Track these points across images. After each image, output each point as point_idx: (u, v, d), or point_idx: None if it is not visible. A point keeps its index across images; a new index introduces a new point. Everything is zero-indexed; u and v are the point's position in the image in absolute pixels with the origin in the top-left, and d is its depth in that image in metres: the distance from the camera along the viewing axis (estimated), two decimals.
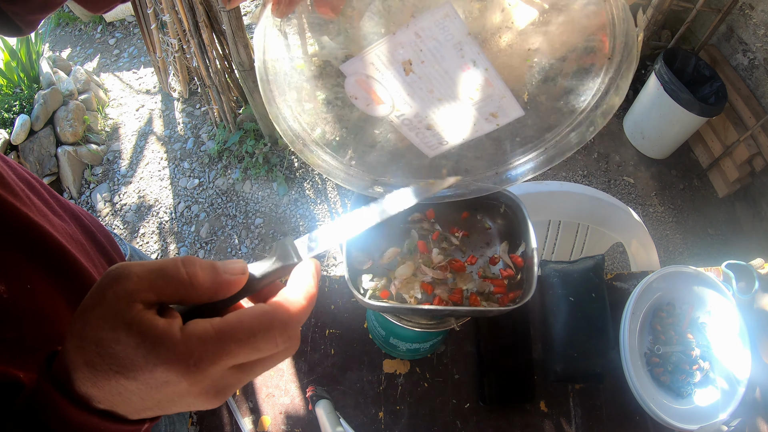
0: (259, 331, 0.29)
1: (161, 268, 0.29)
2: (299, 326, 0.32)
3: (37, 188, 0.56)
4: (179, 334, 0.28)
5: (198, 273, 0.30)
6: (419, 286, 0.67)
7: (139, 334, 0.27)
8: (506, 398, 0.86)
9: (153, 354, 0.27)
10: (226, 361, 0.28)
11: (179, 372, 0.28)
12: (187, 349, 0.28)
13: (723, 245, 2.31)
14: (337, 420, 0.75)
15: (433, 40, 0.43)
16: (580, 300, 0.92)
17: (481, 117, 0.49)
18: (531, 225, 0.67)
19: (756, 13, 2.23)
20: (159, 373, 0.28)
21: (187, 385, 0.28)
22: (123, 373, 0.27)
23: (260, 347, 0.29)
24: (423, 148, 0.53)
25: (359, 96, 0.48)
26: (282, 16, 0.42)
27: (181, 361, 0.27)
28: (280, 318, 0.30)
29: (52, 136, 2.28)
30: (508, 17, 0.44)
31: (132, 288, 0.28)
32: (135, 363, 0.27)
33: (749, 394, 0.90)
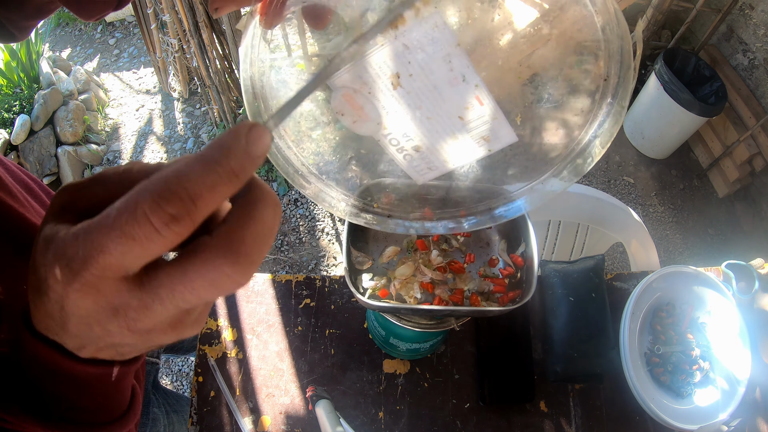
0: (124, 209, 0.21)
1: (101, 172, 0.26)
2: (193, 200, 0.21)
3: (35, 190, 0.56)
4: (62, 234, 0.23)
5: (132, 168, 0.25)
6: (418, 286, 0.67)
7: (44, 241, 0.24)
8: (506, 398, 0.86)
9: (45, 259, 0.23)
10: (98, 258, 0.21)
11: (57, 279, 0.23)
12: (63, 247, 0.23)
13: (723, 245, 2.31)
14: (337, 420, 0.75)
15: (422, 52, 0.41)
16: (580, 300, 0.92)
17: (473, 141, 0.47)
18: (531, 225, 0.67)
19: (756, 13, 2.23)
20: (49, 281, 0.23)
21: (76, 297, 0.23)
22: (39, 287, 0.24)
23: (130, 232, 0.21)
24: (411, 173, 0.50)
25: (346, 112, 0.46)
26: (269, 27, 0.40)
27: (57, 262, 0.23)
28: (152, 185, 0.21)
29: (52, 136, 2.28)
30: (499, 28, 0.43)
31: (64, 198, 0.25)
32: (40, 273, 0.24)
33: (749, 394, 0.90)
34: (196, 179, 0.22)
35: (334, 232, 2.18)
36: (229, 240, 0.23)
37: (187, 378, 1.89)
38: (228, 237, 0.23)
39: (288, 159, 0.48)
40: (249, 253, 0.23)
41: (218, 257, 0.22)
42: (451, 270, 0.69)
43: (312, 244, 2.15)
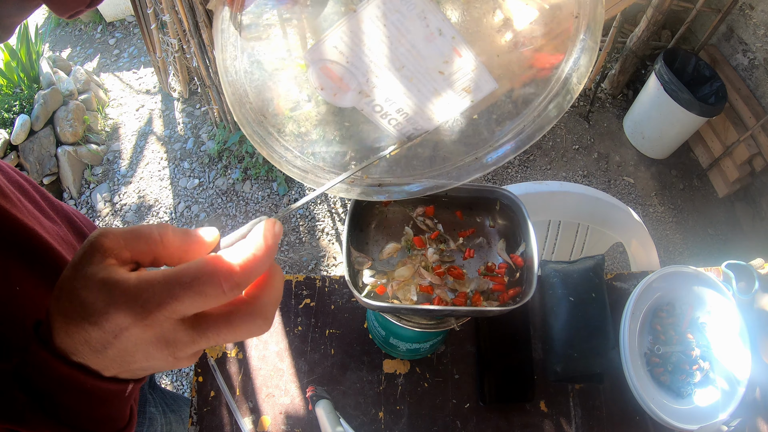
0: (203, 274, 0.30)
1: (135, 229, 0.32)
2: (250, 276, 0.31)
3: (29, 192, 0.56)
4: (134, 279, 0.30)
5: (169, 234, 0.33)
6: (416, 289, 0.67)
7: (102, 281, 0.29)
8: (506, 398, 0.86)
9: (110, 297, 0.29)
10: (172, 304, 0.29)
11: (128, 314, 0.29)
12: (137, 291, 0.29)
13: (723, 245, 2.31)
14: (337, 420, 0.75)
15: (396, 13, 0.41)
16: (580, 300, 0.92)
17: (454, 94, 0.47)
18: (531, 225, 0.67)
19: (756, 13, 2.23)
20: (113, 316, 0.29)
21: (138, 330, 0.30)
22: (87, 318, 0.29)
23: (204, 291, 0.30)
24: (398, 136, 0.51)
25: (325, 86, 0.45)
26: (239, 9, 0.42)
27: (130, 302, 0.29)
28: (224, 263, 0.31)
29: (52, 136, 2.28)
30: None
31: (107, 245, 0.31)
32: (96, 307, 0.29)
33: (749, 394, 0.90)
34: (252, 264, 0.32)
35: (334, 232, 2.18)
36: (262, 303, 0.33)
37: (187, 378, 1.89)
38: (261, 301, 0.33)
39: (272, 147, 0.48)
40: (273, 310, 0.34)
41: (256, 315, 0.32)
42: (450, 275, 0.69)
43: (312, 244, 2.15)
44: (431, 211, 0.73)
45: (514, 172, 2.40)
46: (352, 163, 0.53)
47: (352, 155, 0.53)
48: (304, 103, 0.48)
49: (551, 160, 2.46)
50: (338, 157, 0.52)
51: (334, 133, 0.51)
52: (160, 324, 0.30)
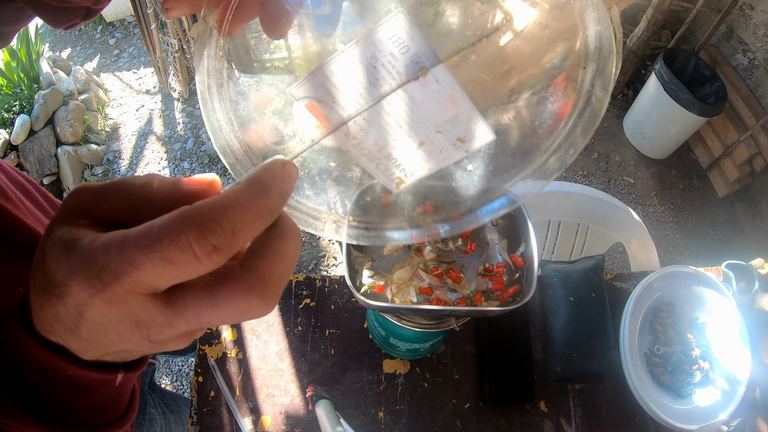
0: (168, 233, 0.22)
1: (116, 181, 0.26)
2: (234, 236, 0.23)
3: (31, 192, 0.56)
4: (90, 243, 0.23)
5: (153, 182, 0.25)
6: (415, 290, 0.67)
7: (63, 244, 0.23)
8: (506, 398, 0.86)
9: (67, 264, 0.23)
10: (132, 274, 0.22)
11: (83, 286, 0.23)
12: (91, 257, 0.23)
13: (723, 245, 2.31)
14: (337, 420, 0.75)
15: (388, 55, 0.39)
16: (580, 300, 0.91)
17: (448, 143, 0.44)
18: (531, 225, 0.67)
19: (756, 13, 2.23)
20: (71, 288, 0.23)
21: (99, 307, 0.23)
22: (53, 291, 0.24)
23: (172, 257, 0.22)
24: (386, 182, 0.48)
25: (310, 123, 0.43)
26: (227, 35, 0.38)
27: (84, 271, 0.23)
28: (196, 217, 0.22)
29: (52, 136, 2.28)
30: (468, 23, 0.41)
31: (81, 202, 0.25)
32: (57, 277, 0.23)
33: (749, 394, 0.90)
34: (238, 214, 0.23)
35: None
36: (259, 274, 0.24)
37: (187, 378, 1.89)
38: (259, 271, 0.24)
39: None
40: (276, 287, 0.24)
41: (249, 291, 0.24)
42: (449, 277, 0.69)
43: (312, 244, 2.15)
44: (430, 207, 0.73)
45: None
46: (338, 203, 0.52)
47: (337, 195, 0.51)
48: (289, 138, 0.46)
49: None
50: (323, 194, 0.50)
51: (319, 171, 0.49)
52: (123, 299, 0.23)
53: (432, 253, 0.70)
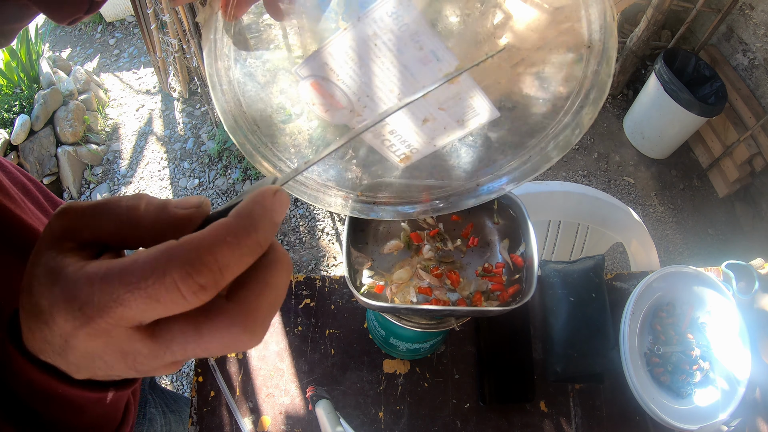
0: (152, 271, 0.21)
1: (102, 202, 0.25)
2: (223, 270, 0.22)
3: (33, 192, 0.55)
4: (74, 272, 0.23)
5: (139, 206, 0.25)
6: (415, 290, 0.67)
7: (49, 272, 0.23)
8: (506, 398, 0.86)
9: (51, 295, 0.23)
10: (115, 310, 0.22)
11: (68, 318, 0.22)
12: (74, 290, 0.22)
13: (723, 245, 2.31)
14: (337, 420, 0.75)
15: (389, 33, 0.39)
16: (580, 300, 0.91)
17: (451, 120, 0.44)
18: (531, 225, 0.67)
19: (756, 13, 2.23)
20: (56, 318, 0.23)
21: (84, 338, 0.23)
22: (39, 317, 0.24)
23: (156, 295, 0.21)
24: (390, 157, 0.48)
25: (316, 101, 0.43)
26: (232, 19, 0.39)
27: (67, 304, 0.22)
28: (182, 255, 0.21)
29: (52, 136, 2.28)
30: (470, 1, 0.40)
31: (66, 224, 0.25)
32: (43, 305, 0.23)
33: (749, 394, 0.90)
34: (226, 252, 0.22)
35: (334, 232, 2.18)
36: (246, 308, 0.23)
37: (187, 378, 1.89)
38: (245, 304, 0.23)
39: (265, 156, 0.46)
40: (263, 319, 0.24)
41: (234, 325, 0.23)
42: (448, 278, 0.69)
43: (312, 244, 2.15)
44: (428, 199, 0.73)
45: None
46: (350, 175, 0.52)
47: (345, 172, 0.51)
48: (296, 117, 0.46)
49: None
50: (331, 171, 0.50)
51: None
52: (107, 332, 0.23)
53: (431, 251, 0.70)
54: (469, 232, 0.73)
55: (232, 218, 0.23)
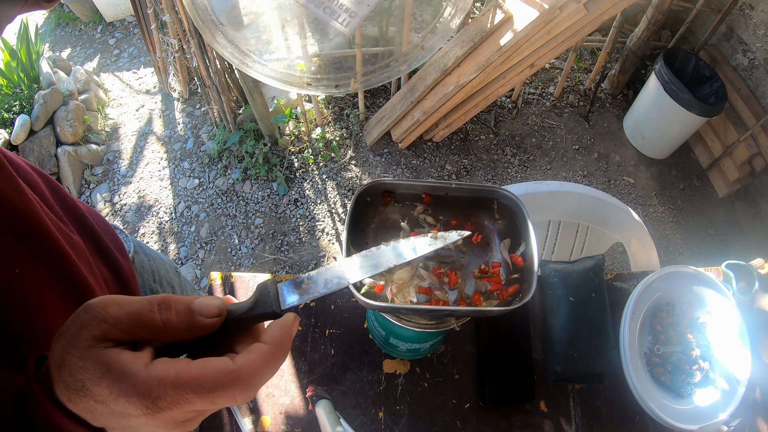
0: (220, 388, 0.30)
1: (137, 313, 0.31)
2: (264, 382, 0.33)
3: (40, 187, 0.55)
4: (143, 371, 0.30)
5: (172, 319, 0.32)
6: (415, 290, 0.67)
7: (104, 365, 0.30)
8: (506, 398, 0.86)
9: (116, 386, 0.29)
10: (183, 407, 0.30)
11: (137, 407, 0.29)
12: (147, 387, 0.29)
13: (723, 245, 2.31)
14: (337, 420, 0.75)
15: None
16: (580, 300, 0.91)
17: None
18: (531, 225, 0.67)
19: (756, 13, 2.23)
20: (121, 404, 0.29)
21: (145, 420, 0.30)
22: (92, 397, 0.30)
23: (218, 402, 0.30)
24: (336, 26, 0.55)
25: None
26: None
27: (140, 398, 0.29)
28: (242, 378, 0.31)
29: (52, 136, 2.28)
30: None
31: (107, 331, 0.31)
32: (100, 392, 0.30)
33: (749, 394, 0.90)
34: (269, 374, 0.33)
35: (334, 232, 2.18)
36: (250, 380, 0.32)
37: None
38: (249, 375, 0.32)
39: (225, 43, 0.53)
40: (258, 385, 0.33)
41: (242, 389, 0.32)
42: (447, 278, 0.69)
43: (312, 244, 2.15)
44: (428, 199, 0.73)
45: (514, 172, 2.40)
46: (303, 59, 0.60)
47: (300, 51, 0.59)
48: None
49: (551, 160, 2.46)
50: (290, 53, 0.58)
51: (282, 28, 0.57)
52: (169, 416, 0.30)
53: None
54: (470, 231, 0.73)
55: (271, 348, 0.33)
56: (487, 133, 2.50)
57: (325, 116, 2.48)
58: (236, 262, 2.11)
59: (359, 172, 2.34)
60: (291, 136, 2.42)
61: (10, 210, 0.45)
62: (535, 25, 1.84)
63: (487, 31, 1.91)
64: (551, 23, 1.86)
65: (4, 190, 0.45)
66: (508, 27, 1.89)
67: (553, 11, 1.81)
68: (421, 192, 0.73)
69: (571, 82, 2.69)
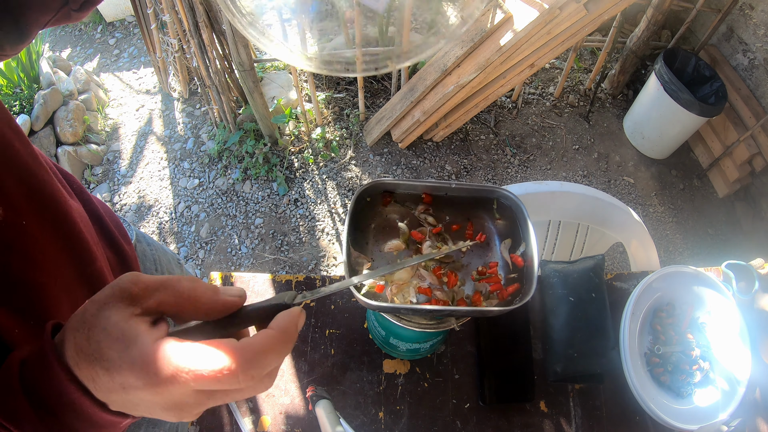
0: (223, 367, 0.31)
1: (167, 279, 0.33)
2: (267, 368, 0.32)
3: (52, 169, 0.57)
4: (152, 344, 0.30)
5: (198, 288, 0.33)
6: (415, 290, 0.67)
7: (121, 331, 0.30)
8: (506, 398, 0.86)
9: (126, 353, 0.30)
10: (186, 385, 0.30)
11: (140, 377, 0.30)
12: (154, 358, 0.30)
13: (723, 245, 2.31)
14: (337, 420, 0.75)
15: None
16: (580, 300, 0.91)
17: None
18: (531, 225, 0.67)
19: (756, 13, 2.23)
20: (125, 373, 0.30)
21: (147, 394, 0.30)
22: (99, 362, 0.30)
23: (222, 381, 0.31)
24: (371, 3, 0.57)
25: None
26: None
27: (143, 368, 0.30)
28: (245, 356, 0.31)
29: (52, 136, 2.28)
30: None
31: (136, 292, 0.32)
32: (110, 356, 0.30)
33: (749, 394, 0.90)
34: (272, 357, 0.32)
35: (334, 232, 2.18)
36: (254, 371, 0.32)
37: None
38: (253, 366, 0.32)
39: None
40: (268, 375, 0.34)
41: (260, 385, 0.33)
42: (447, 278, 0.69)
43: (312, 244, 2.15)
44: (428, 199, 0.73)
45: (514, 172, 2.40)
46: None
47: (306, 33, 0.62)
48: None
49: (551, 160, 2.46)
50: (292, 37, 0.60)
51: None
52: (170, 392, 0.30)
53: (430, 248, 0.70)
54: (472, 233, 0.73)
55: (277, 332, 0.34)
56: (487, 133, 2.50)
57: (325, 116, 2.48)
58: (236, 262, 2.11)
59: (359, 172, 2.34)
60: (291, 136, 2.42)
61: (24, 170, 0.47)
62: (535, 25, 1.84)
63: (487, 31, 1.91)
64: (551, 23, 1.86)
65: (21, 152, 0.46)
66: (508, 27, 1.89)
67: (553, 11, 1.81)
68: (421, 192, 0.73)
69: (571, 82, 2.70)
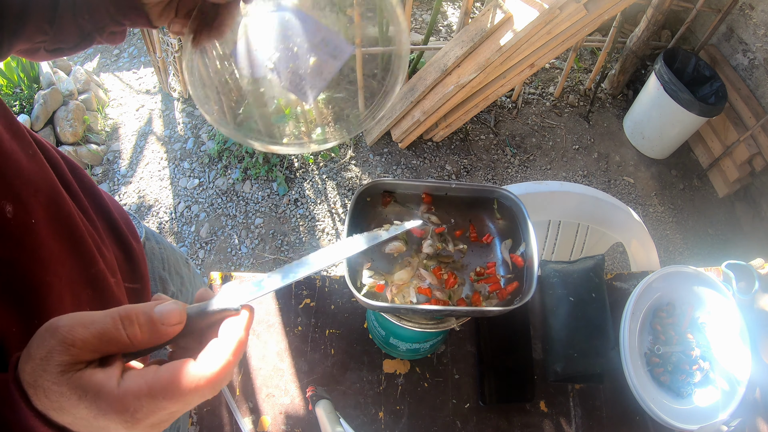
0: (189, 390, 0.33)
1: (103, 332, 0.33)
2: (228, 379, 0.35)
3: (61, 166, 0.57)
4: (116, 390, 0.32)
5: (137, 333, 0.34)
6: (415, 290, 0.67)
7: (80, 389, 0.32)
8: (506, 398, 0.86)
9: (94, 406, 0.32)
10: (159, 414, 0.33)
11: (117, 422, 0.32)
12: (124, 404, 0.32)
13: (723, 245, 2.31)
14: (337, 420, 0.75)
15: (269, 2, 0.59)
16: (580, 300, 0.92)
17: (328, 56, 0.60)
18: (531, 225, 0.67)
19: (756, 13, 2.23)
20: (101, 421, 0.32)
21: (125, 429, 0.33)
22: (71, 416, 0.32)
23: (191, 402, 0.33)
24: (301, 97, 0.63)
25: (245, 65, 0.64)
26: (197, 47, 0.60)
27: (118, 414, 0.32)
28: (210, 378, 0.34)
29: (52, 136, 2.28)
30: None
31: (76, 354, 0.32)
32: (79, 412, 0.32)
33: (749, 394, 0.90)
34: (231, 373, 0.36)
35: (334, 232, 2.18)
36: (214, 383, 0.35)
37: None
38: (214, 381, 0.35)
39: None
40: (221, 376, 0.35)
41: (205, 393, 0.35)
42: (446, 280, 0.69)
43: (312, 244, 2.15)
44: (428, 199, 0.73)
45: (514, 172, 2.40)
46: None
47: None
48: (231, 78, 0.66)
49: (551, 160, 2.46)
50: None
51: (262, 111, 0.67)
52: (148, 422, 0.33)
53: (431, 247, 0.70)
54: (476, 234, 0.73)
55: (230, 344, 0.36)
56: (487, 133, 2.50)
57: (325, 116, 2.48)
58: (236, 262, 2.11)
59: (359, 172, 2.34)
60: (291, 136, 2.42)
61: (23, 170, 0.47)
62: (535, 25, 1.84)
63: (487, 31, 1.91)
64: (551, 23, 1.86)
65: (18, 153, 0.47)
66: (508, 27, 1.89)
67: (553, 11, 1.81)
68: (421, 192, 0.73)
69: (571, 82, 2.70)
